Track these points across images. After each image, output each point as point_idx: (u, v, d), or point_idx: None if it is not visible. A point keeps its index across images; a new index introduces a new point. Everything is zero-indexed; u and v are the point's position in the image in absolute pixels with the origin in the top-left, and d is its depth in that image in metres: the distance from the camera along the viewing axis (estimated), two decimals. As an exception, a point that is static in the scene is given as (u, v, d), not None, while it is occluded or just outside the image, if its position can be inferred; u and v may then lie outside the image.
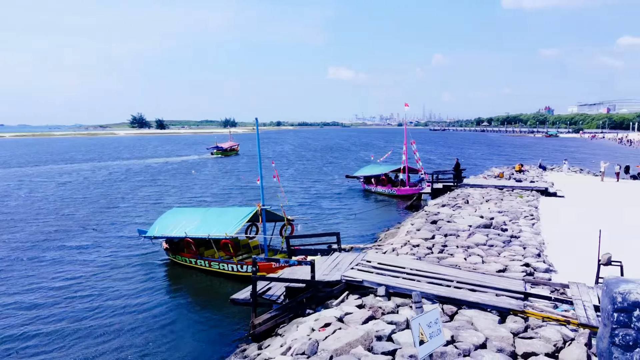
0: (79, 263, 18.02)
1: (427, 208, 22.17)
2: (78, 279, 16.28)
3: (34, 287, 15.50)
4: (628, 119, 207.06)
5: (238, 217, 16.04)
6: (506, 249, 14.30)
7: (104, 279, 16.29)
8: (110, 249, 19.89)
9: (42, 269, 17.43)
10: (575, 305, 9.88)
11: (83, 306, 14.00)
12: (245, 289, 12.10)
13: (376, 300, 10.07)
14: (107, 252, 19.40)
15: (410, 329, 8.81)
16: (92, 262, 18.04)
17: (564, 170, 39.46)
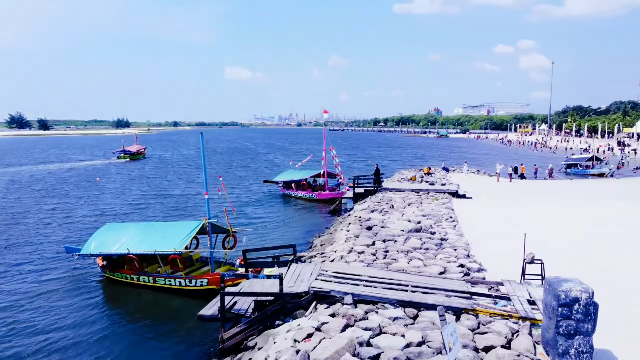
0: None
1: (357, 213, 23.45)
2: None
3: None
4: (506, 120, 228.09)
5: (185, 232, 16.05)
6: (440, 252, 15.83)
7: (33, 308, 14.88)
8: (34, 271, 18.58)
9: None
10: (512, 301, 11.45)
11: (15, 344, 12.65)
12: (210, 304, 12.34)
13: (345, 308, 10.89)
14: (31, 275, 18.08)
15: (384, 333, 9.82)
16: (15, 290, 16.56)
17: (464, 172, 43.23)
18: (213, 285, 15.55)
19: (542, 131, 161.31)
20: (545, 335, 9.13)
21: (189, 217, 28.38)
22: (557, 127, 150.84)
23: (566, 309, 8.63)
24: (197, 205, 32.65)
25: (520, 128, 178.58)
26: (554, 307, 8.81)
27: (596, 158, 51.89)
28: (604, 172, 48.46)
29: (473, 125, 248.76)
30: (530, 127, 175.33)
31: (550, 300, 8.95)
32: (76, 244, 20.41)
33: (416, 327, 9.91)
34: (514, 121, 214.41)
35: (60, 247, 20.74)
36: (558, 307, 8.68)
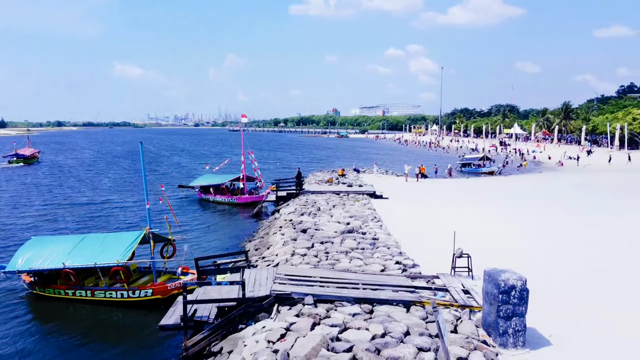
0: None
1: (285, 216, 24.21)
2: None
3: None
4: (401, 121, 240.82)
5: (126, 242, 15.79)
6: (376, 251, 17.13)
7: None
8: None
9: None
10: (450, 291, 12.97)
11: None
12: (169, 313, 12.47)
13: (308, 308, 11.68)
14: None
15: (349, 328, 10.74)
16: None
17: (374, 172, 45.68)
18: (158, 295, 15.52)
19: (433, 131, 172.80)
20: (487, 319, 10.63)
21: (105, 227, 27.30)
22: (447, 128, 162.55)
23: (505, 295, 10.18)
24: (112, 215, 31.37)
25: (415, 129, 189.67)
26: (494, 295, 10.32)
27: (486, 157, 57.26)
28: (494, 170, 53.66)
29: (371, 126, 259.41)
30: (424, 127, 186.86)
31: (491, 289, 10.45)
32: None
33: (375, 321, 10.95)
34: (408, 122, 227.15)
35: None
36: (499, 294, 10.20)
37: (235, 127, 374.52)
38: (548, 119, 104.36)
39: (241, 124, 59.74)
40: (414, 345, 9.60)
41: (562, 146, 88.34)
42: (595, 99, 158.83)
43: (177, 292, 15.55)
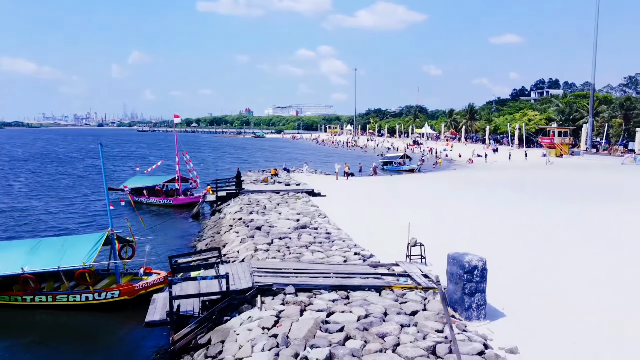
0: None
1: (231, 215, 24.65)
2: None
3: None
4: (316, 121, 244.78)
5: (89, 245, 15.58)
6: (333, 244, 18.27)
7: None
8: None
9: None
10: (411, 276, 14.39)
11: None
12: (151, 310, 12.76)
13: (290, 297, 12.53)
14: None
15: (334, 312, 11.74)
16: None
17: (304, 171, 46.92)
18: (125, 296, 15.54)
19: (348, 131, 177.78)
20: (453, 296, 12.12)
21: (38, 234, 26.03)
22: (362, 128, 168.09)
23: (469, 274, 11.74)
24: (41, 220, 29.83)
25: (330, 128, 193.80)
26: (460, 274, 11.85)
27: (406, 156, 60.70)
28: (414, 168, 57.06)
29: (286, 126, 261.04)
30: (339, 127, 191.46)
31: (456, 270, 11.97)
32: None
33: (355, 305, 12.05)
34: (323, 122, 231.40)
35: None
36: (464, 274, 11.74)
37: (144, 127, 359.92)
38: (455, 119, 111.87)
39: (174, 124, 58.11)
40: (396, 322, 10.84)
41: (469, 145, 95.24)
42: (494, 101, 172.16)
43: (144, 292, 15.68)
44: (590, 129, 67.60)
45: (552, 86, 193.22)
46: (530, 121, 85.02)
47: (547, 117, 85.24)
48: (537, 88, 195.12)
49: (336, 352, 9.50)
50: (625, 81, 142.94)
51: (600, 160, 58.67)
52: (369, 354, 9.49)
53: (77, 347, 13.37)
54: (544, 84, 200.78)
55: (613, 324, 11.01)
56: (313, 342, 9.98)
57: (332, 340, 10.02)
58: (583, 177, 42.09)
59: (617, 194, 31.85)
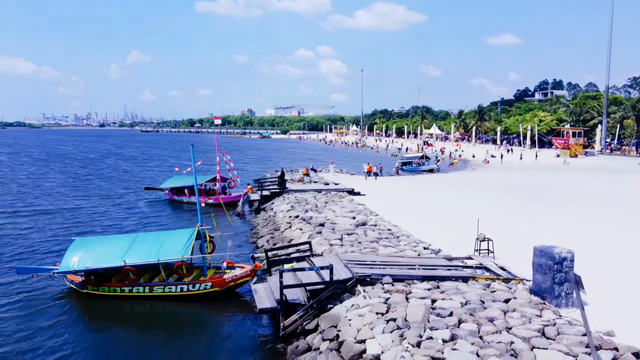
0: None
1: (284, 214, 25.72)
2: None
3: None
4: (321, 122, 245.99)
5: (184, 239, 16.72)
6: (400, 240, 19.35)
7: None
8: None
9: None
10: (489, 268, 15.47)
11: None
12: (260, 298, 13.86)
13: (389, 286, 13.61)
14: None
15: (436, 300, 12.81)
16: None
17: (331, 171, 48.03)
18: (216, 287, 16.62)
19: (354, 132, 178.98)
20: (542, 286, 13.19)
21: (105, 231, 27.11)
22: (369, 128, 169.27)
23: (559, 265, 12.83)
24: (106, 218, 30.86)
25: (336, 129, 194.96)
26: (549, 265, 12.93)
27: (425, 156, 61.82)
28: (433, 168, 58.17)
29: (290, 126, 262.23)
30: (345, 128, 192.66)
31: (545, 261, 13.05)
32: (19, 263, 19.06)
33: (450, 293, 13.13)
34: (328, 122, 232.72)
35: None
36: (554, 265, 12.83)
37: (147, 127, 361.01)
38: (464, 120, 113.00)
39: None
40: (497, 308, 11.93)
41: (478, 145, 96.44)
42: (498, 101, 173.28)
43: (232, 284, 16.78)
44: (605, 129, 68.74)
45: (556, 87, 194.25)
46: (541, 122, 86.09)
47: (558, 118, 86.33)
48: (540, 89, 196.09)
49: (457, 333, 10.60)
50: (630, 82, 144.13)
51: (617, 161, 59.77)
52: (487, 334, 10.57)
53: (191, 335, 14.45)
54: (548, 84, 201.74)
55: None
56: (431, 324, 11.09)
57: (448, 323, 11.13)
58: (614, 182, 41.58)
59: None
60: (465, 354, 9.73)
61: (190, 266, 16.51)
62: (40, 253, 22.27)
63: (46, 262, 20.07)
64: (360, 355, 11.08)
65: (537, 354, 9.63)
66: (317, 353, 12.07)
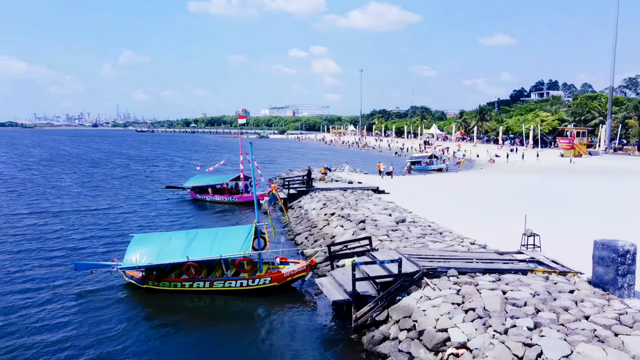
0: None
1: (317, 212, 26.20)
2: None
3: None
4: (318, 122, 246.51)
5: (243, 235, 17.17)
6: (444, 235, 19.90)
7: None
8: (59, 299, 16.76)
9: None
10: (542, 261, 16.04)
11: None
12: (328, 292, 14.36)
13: (455, 279, 14.14)
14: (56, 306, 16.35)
15: (507, 291, 13.34)
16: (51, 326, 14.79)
17: (346, 171, 48.59)
18: (275, 282, 17.08)
19: (352, 132, 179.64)
20: (604, 278, 13.75)
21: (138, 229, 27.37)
22: (367, 128, 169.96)
23: (622, 258, 13.41)
24: (137, 217, 31.15)
25: (334, 129, 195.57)
26: (613, 258, 13.50)
27: (434, 156, 62.56)
28: (442, 168, 58.91)
29: (286, 126, 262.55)
30: (343, 128, 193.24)
31: (608, 254, 13.62)
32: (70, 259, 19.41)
33: (514, 284, 13.67)
34: (325, 122, 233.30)
35: (55, 266, 19.56)
36: (617, 257, 13.40)
37: (142, 127, 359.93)
38: (465, 120, 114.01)
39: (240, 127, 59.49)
40: (568, 298, 12.50)
41: (479, 145, 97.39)
42: (495, 102, 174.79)
43: (290, 279, 17.25)
44: (609, 129, 69.85)
45: (552, 87, 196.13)
46: (542, 122, 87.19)
47: (559, 118, 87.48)
48: (536, 89, 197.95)
49: (538, 321, 11.15)
50: (626, 83, 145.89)
51: (622, 161, 60.80)
52: (567, 322, 11.13)
53: (261, 328, 14.94)
54: (544, 85, 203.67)
55: None
56: (511, 314, 11.63)
57: (527, 312, 11.67)
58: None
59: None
60: (555, 340, 10.27)
61: (252, 261, 16.95)
62: (84, 251, 22.59)
63: (93, 259, 20.44)
64: (444, 343, 11.61)
65: (623, 340, 10.19)
66: (396, 342, 12.60)
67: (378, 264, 14.49)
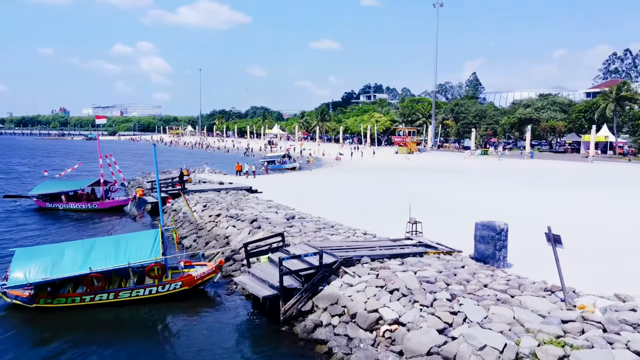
0: None
1: (202, 213, 25.84)
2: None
3: None
4: (152, 123, 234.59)
5: (150, 240, 16.32)
6: (337, 228, 21.35)
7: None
8: None
9: None
10: (430, 244, 18.36)
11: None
12: (253, 289, 14.68)
13: (368, 265, 15.56)
14: None
15: (417, 271, 15.11)
16: None
17: (206, 172, 47.88)
18: (185, 286, 16.69)
19: (190, 133, 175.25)
20: (485, 253, 16.40)
21: None
22: (208, 129, 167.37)
23: (499, 235, 16.19)
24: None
25: (171, 130, 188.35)
26: (492, 236, 16.21)
27: (288, 155, 64.74)
28: (295, 167, 61.37)
29: (118, 127, 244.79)
30: (181, 129, 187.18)
31: (488, 233, 16.30)
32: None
33: (417, 265, 15.59)
34: (160, 123, 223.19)
35: None
36: (496, 235, 16.14)
37: None
38: (307, 120, 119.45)
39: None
40: (466, 272, 14.77)
41: (323, 144, 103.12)
42: (330, 103, 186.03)
43: (200, 281, 17.04)
44: (433, 129, 79.69)
45: (377, 91, 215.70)
46: (377, 122, 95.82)
47: (391, 119, 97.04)
48: (364, 92, 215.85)
49: (453, 293, 13.06)
50: (438, 88, 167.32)
51: (449, 155, 70.02)
52: (474, 291, 13.23)
53: (183, 335, 14.54)
54: (371, 88, 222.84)
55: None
56: (429, 290, 13.39)
57: (440, 287, 13.55)
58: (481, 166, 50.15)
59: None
60: (472, 306, 12.22)
61: (164, 267, 16.32)
62: None
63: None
64: (376, 322, 12.88)
65: (520, 300, 12.54)
66: (330, 327, 13.53)
67: (303, 257, 15.23)
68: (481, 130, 75.38)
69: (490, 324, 11.35)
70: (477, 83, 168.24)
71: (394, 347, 11.89)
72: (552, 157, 67.41)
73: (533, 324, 11.17)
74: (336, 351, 12.57)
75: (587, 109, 72.94)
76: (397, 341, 11.97)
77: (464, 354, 10.61)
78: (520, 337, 10.69)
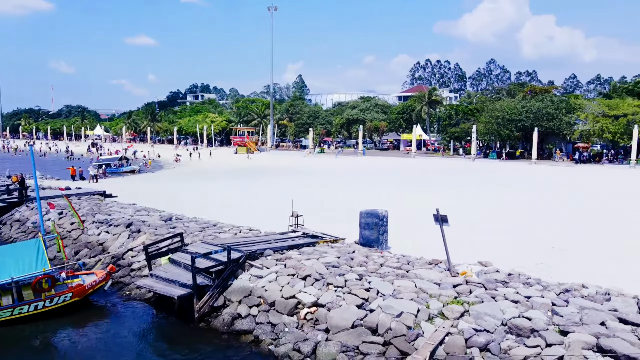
0: None
1: (61, 222, 23.65)
2: None
3: None
4: None
5: (33, 251, 14.66)
6: (219, 227, 21.58)
7: None
8: None
9: None
10: (316, 235, 19.83)
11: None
12: (163, 290, 14.46)
13: (276, 255, 16.38)
14: None
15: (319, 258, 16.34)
16: None
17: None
18: (76, 297, 15.51)
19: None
20: (370, 238, 18.40)
21: None
22: (11, 130, 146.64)
23: (381, 221, 18.35)
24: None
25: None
26: (376, 222, 18.31)
27: (125, 158, 60.87)
28: (135, 169, 58.27)
29: None
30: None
31: (372, 219, 18.36)
32: None
33: (315, 254, 16.93)
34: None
35: None
36: (379, 221, 18.28)
37: None
38: (135, 120, 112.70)
39: None
40: (361, 255, 16.58)
41: (156, 146, 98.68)
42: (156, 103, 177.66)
43: (91, 290, 16.00)
44: (272, 128, 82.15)
45: (204, 90, 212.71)
46: (213, 122, 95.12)
47: (227, 119, 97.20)
48: (191, 92, 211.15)
49: (359, 273, 14.70)
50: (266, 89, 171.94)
51: (289, 154, 73.00)
52: (374, 270, 15.05)
53: (88, 348, 13.64)
54: (197, 88, 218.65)
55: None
56: (337, 273, 14.81)
57: (345, 270, 15.09)
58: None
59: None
60: (380, 282, 13.98)
61: (54, 278, 14.89)
62: None
63: None
64: (296, 307, 13.86)
65: (416, 273, 14.70)
66: (251, 317, 14.08)
67: (213, 254, 15.41)
68: (317, 129, 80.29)
69: (400, 294, 13.19)
70: (303, 85, 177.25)
71: (319, 326, 13.00)
72: (380, 154, 75.09)
73: (433, 290, 13.34)
74: (263, 338, 13.23)
75: (404, 110, 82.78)
76: (321, 320, 13.12)
77: (385, 322, 12.22)
78: (427, 301, 12.71)
